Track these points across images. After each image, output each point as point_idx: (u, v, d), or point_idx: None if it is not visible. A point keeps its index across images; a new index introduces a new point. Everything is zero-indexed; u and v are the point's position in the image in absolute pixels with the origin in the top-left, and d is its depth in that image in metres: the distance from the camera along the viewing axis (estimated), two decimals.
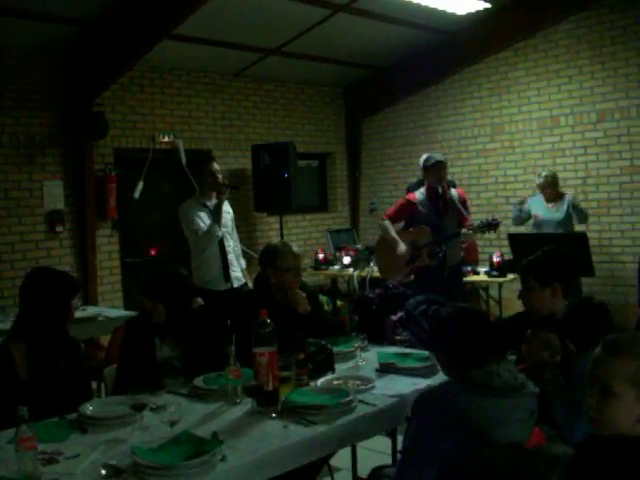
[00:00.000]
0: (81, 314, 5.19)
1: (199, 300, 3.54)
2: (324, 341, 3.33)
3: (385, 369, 3.28)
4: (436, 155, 5.96)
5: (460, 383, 2.40)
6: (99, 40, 6.68)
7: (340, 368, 3.33)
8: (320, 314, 3.92)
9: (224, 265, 5.49)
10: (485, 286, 7.06)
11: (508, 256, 6.66)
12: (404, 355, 3.42)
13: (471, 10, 7.59)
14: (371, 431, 2.88)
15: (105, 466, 2.22)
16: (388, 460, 3.73)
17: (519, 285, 3.31)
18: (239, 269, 5.70)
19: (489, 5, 7.56)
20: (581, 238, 5.77)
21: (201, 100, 8.33)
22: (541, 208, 6.83)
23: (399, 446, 3.14)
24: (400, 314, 3.86)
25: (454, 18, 7.77)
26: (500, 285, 6.71)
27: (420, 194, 5.91)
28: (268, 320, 2.80)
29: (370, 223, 9.76)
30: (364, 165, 10.09)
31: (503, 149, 8.60)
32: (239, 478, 2.26)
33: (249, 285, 5.57)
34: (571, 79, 7.97)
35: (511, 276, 6.47)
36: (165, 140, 7.85)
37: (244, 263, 5.93)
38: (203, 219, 5.42)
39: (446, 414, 2.27)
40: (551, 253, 3.27)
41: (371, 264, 7.32)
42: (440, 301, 3.84)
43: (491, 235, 6.77)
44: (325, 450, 2.66)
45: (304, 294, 3.77)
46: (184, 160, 7.83)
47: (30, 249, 6.85)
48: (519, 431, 2.34)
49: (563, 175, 7.77)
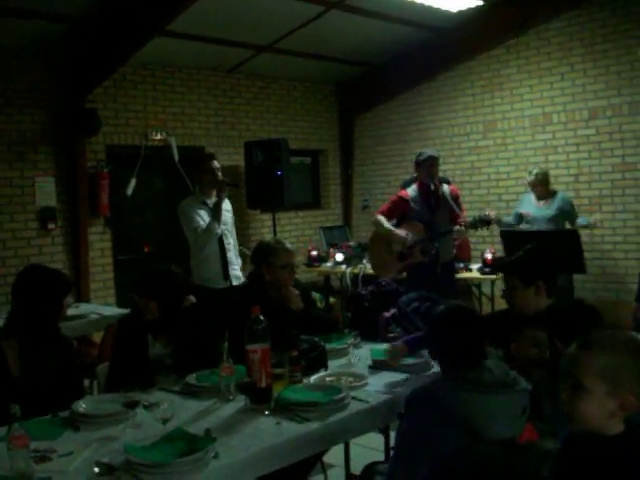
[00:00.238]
0: (73, 311, 5.18)
1: (191, 298, 3.54)
2: (317, 338, 3.33)
3: (378, 366, 3.29)
4: (429, 151, 5.95)
5: (452, 380, 2.41)
6: (91, 36, 6.66)
7: (333, 365, 3.34)
8: (313, 311, 3.93)
9: (223, 263, 5.44)
10: (477, 283, 7.08)
11: (500, 253, 6.69)
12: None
13: (463, 7, 7.60)
14: (364, 428, 2.89)
15: (98, 464, 2.22)
16: (381, 457, 3.73)
17: None
18: (239, 267, 5.68)
19: (481, 2, 7.57)
20: (573, 235, 5.79)
21: (194, 97, 8.32)
22: (532, 206, 6.84)
23: (392, 443, 3.15)
24: (393, 311, 3.85)
25: (447, 15, 7.78)
26: (492, 282, 6.71)
27: (412, 190, 5.91)
28: (261, 317, 2.80)
29: (363, 220, 9.77)
30: (357, 162, 10.09)
31: (496, 146, 8.61)
32: (232, 475, 2.27)
33: None
34: (563, 76, 7.99)
35: None
36: (158, 137, 7.83)
37: (240, 261, 5.91)
38: (203, 217, 5.37)
39: (438, 410, 2.28)
40: (533, 251, 3.27)
41: (364, 261, 7.34)
42: (433, 298, 3.83)
43: (484, 232, 6.79)
44: (318, 447, 2.67)
45: (297, 291, 3.77)
46: (177, 157, 7.82)
47: (22, 246, 6.83)
48: (511, 427, 2.35)
49: (555, 172, 7.80)
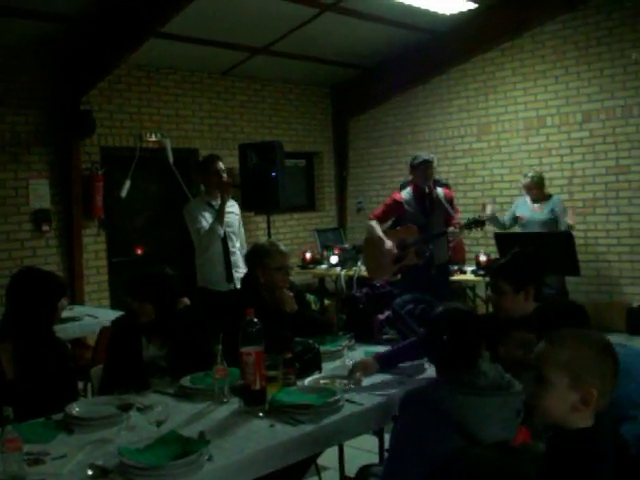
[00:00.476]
0: (67, 314, 5.14)
1: (185, 300, 3.53)
2: (311, 340, 3.33)
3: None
4: (424, 154, 5.96)
5: (447, 382, 2.41)
6: (86, 38, 6.66)
7: (327, 367, 3.33)
8: (307, 313, 3.92)
9: (227, 265, 5.40)
10: (472, 285, 7.08)
11: (495, 255, 6.69)
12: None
13: (458, 10, 7.62)
14: (358, 430, 2.88)
15: (92, 466, 2.21)
16: (375, 459, 3.74)
17: None
18: (244, 270, 5.63)
19: (476, 5, 7.59)
20: (567, 237, 5.79)
21: (188, 99, 8.32)
22: (526, 209, 6.85)
23: (386, 445, 3.15)
24: (387, 313, 3.85)
25: (441, 18, 7.79)
26: (487, 284, 6.71)
27: (407, 193, 5.93)
28: (255, 319, 2.79)
29: (357, 222, 9.77)
30: (351, 164, 10.10)
31: (490, 149, 8.63)
32: (226, 478, 2.26)
33: None
34: (557, 79, 8.02)
35: None
36: (152, 139, 7.82)
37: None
38: (207, 218, 5.35)
39: (433, 413, 2.28)
40: (523, 257, 3.25)
41: (358, 263, 7.34)
42: (427, 300, 3.83)
43: (477, 234, 6.82)
44: (312, 449, 2.66)
45: (291, 293, 3.77)
46: (171, 159, 7.82)
47: (16, 248, 6.81)
48: (505, 430, 2.35)
49: (549, 175, 7.82)
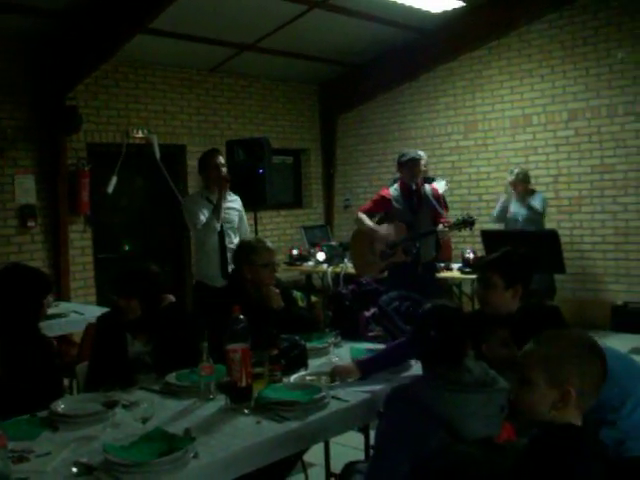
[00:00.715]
0: (53, 310, 5.13)
1: (170, 297, 3.53)
2: (297, 337, 3.34)
3: (358, 362, 3.29)
4: (411, 152, 5.97)
5: (433, 379, 2.42)
6: (72, 33, 6.63)
7: (313, 364, 3.34)
8: (293, 310, 3.92)
9: (222, 261, 5.33)
10: (458, 282, 7.11)
11: (481, 253, 6.72)
12: (376, 351, 3.42)
13: (446, 9, 7.64)
14: (343, 427, 2.90)
15: (76, 464, 2.21)
16: (361, 455, 3.74)
17: None
18: None
19: (463, 4, 7.61)
20: (552, 235, 5.83)
21: (176, 95, 8.29)
22: (512, 205, 6.89)
23: (372, 441, 3.16)
24: (373, 310, 3.86)
25: (429, 16, 7.81)
26: (473, 281, 6.73)
27: (394, 190, 5.94)
28: (241, 316, 2.80)
29: (344, 219, 9.79)
30: (338, 161, 10.11)
31: (476, 146, 8.67)
32: (212, 475, 2.26)
33: None
34: (543, 78, 8.06)
35: None
36: (139, 135, 7.80)
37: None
38: (205, 213, 5.33)
39: (416, 409, 2.29)
40: (518, 255, 3.28)
41: (345, 260, 7.35)
42: (413, 298, 3.85)
43: (464, 232, 6.82)
44: (298, 446, 2.67)
45: (278, 290, 3.77)
46: (158, 155, 7.80)
47: (1, 244, 6.77)
48: (489, 426, 2.36)
49: (535, 173, 7.86)
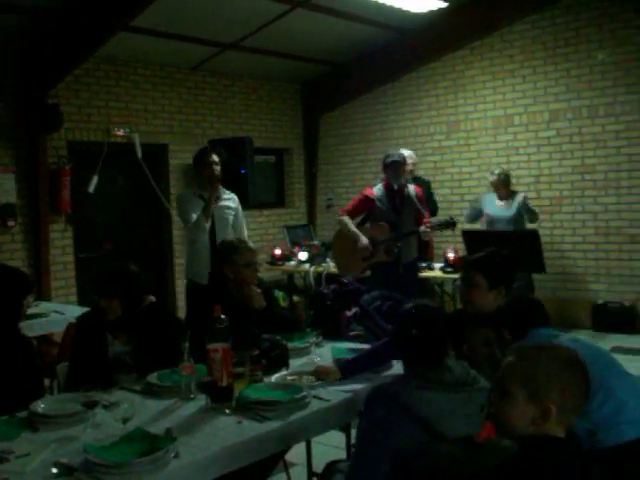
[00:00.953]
0: (34, 310, 5.10)
1: (151, 297, 3.52)
2: (279, 337, 3.34)
3: (339, 362, 3.30)
4: (396, 153, 5.98)
5: (413, 378, 2.43)
6: (53, 30, 6.58)
7: (295, 364, 3.34)
8: (275, 310, 3.93)
9: (213, 259, 5.27)
10: (440, 282, 7.14)
11: (463, 252, 6.75)
12: (358, 350, 3.44)
13: (428, 9, 7.66)
14: (325, 426, 2.90)
15: (56, 464, 2.20)
16: (343, 454, 3.75)
17: None
18: None
19: (446, 4, 7.64)
20: (533, 235, 5.86)
21: (157, 94, 8.26)
22: (493, 206, 6.93)
23: (353, 440, 3.17)
24: (355, 310, 3.87)
25: (411, 16, 7.83)
26: (454, 281, 6.77)
27: (378, 190, 5.95)
28: (222, 316, 2.80)
29: (327, 219, 9.80)
30: (321, 161, 10.12)
31: (459, 147, 8.71)
32: (193, 474, 2.26)
33: None
34: (525, 79, 8.11)
35: None
36: (120, 134, 7.76)
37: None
38: (196, 210, 5.31)
39: (397, 408, 2.30)
40: (499, 255, 3.30)
41: (327, 260, 7.36)
42: (394, 297, 3.86)
43: (446, 231, 6.85)
44: (279, 446, 2.67)
45: (259, 290, 3.78)
46: (140, 154, 7.76)
47: None
48: (469, 425, 2.37)
49: (517, 173, 7.91)
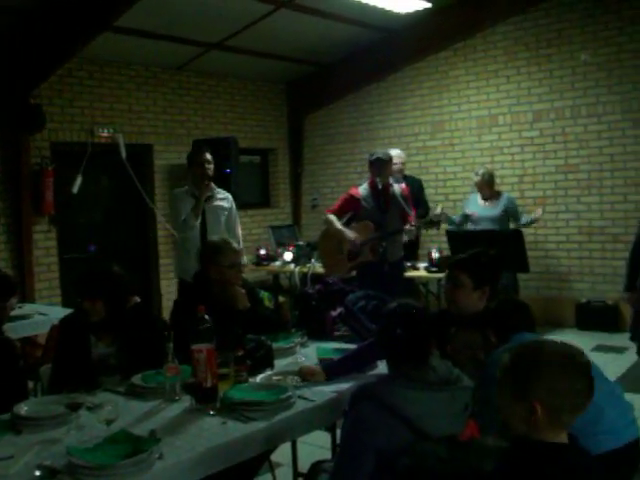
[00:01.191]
0: (17, 312, 5.06)
1: (136, 298, 3.50)
2: (264, 337, 3.34)
3: (324, 364, 3.30)
4: (380, 152, 5.98)
5: (397, 377, 2.44)
6: (36, 30, 6.53)
7: (280, 364, 3.34)
8: (260, 310, 3.92)
9: None
10: (425, 282, 7.16)
11: (447, 252, 6.77)
12: (343, 350, 3.44)
13: (413, 9, 7.69)
14: (310, 426, 2.91)
15: (40, 467, 2.19)
16: (328, 454, 3.75)
17: None
18: None
19: (430, 5, 7.66)
20: (516, 235, 5.89)
21: (142, 94, 8.23)
22: (477, 206, 6.96)
23: (338, 440, 3.17)
24: (339, 310, 3.87)
25: (396, 17, 7.85)
26: (439, 280, 6.79)
27: (364, 189, 5.94)
28: (206, 316, 2.79)
29: (312, 219, 9.80)
30: (306, 161, 10.12)
31: (443, 147, 8.74)
32: (177, 476, 2.25)
33: None
34: (509, 79, 8.15)
35: None
36: (104, 134, 7.72)
37: (245, 260, 5.79)
38: (187, 209, 5.30)
39: (381, 408, 2.30)
40: (485, 255, 3.32)
41: (312, 260, 7.36)
42: (379, 297, 3.87)
43: (432, 231, 6.87)
44: (264, 446, 2.66)
45: (243, 290, 3.77)
46: (124, 155, 7.73)
47: None
48: (453, 424, 2.38)
49: (501, 173, 7.95)
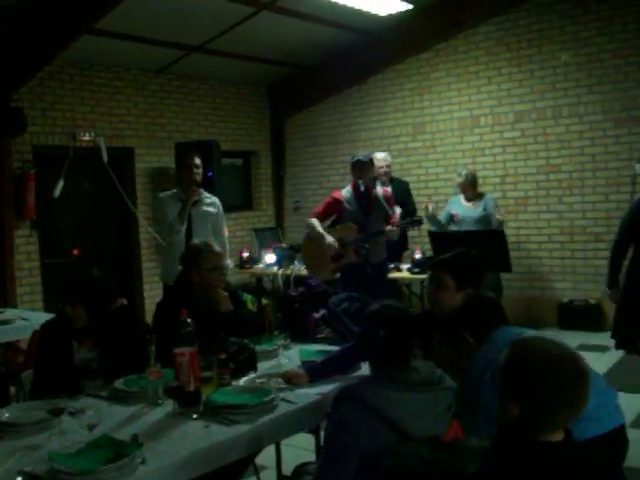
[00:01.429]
0: None
1: (123, 300, 3.49)
2: (247, 340, 3.33)
3: (307, 366, 3.30)
4: (361, 153, 5.99)
5: (379, 379, 2.44)
6: (17, 33, 6.49)
7: (263, 367, 3.34)
8: (242, 313, 3.92)
9: None
10: (408, 283, 7.17)
11: (430, 253, 6.78)
12: (326, 352, 3.44)
13: (394, 11, 7.71)
14: (293, 429, 2.90)
15: (21, 473, 2.17)
16: (313, 457, 3.75)
17: None
18: None
19: (411, 6, 7.69)
20: (499, 235, 5.90)
21: (123, 97, 8.20)
22: (460, 207, 6.99)
23: (322, 442, 3.17)
24: (322, 312, 3.88)
25: (377, 18, 7.87)
26: (422, 282, 6.81)
27: (346, 192, 5.95)
28: (189, 320, 2.78)
29: (295, 221, 9.80)
30: (288, 163, 10.12)
31: (425, 148, 8.76)
32: None
33: None
34: (490, 80, 8.19)
35: None
36: (86, 138, 7.70)
37: (229, 263, 5.77)
38: (174, 213, 5.27)
39: (364, 410, 2.31)
40: (467, 256, 3.33)
41: (295, 262, 7.35)
42: (362, 299, 3.88)
43: (413, 232, 6.89)
44: (247, 449, 2.65)
45: (226, 293, 3.76)
46: (105, 158, 7.71)
47: None
48: (436, 425, 2.39)
49: (483, 174, 7.99)
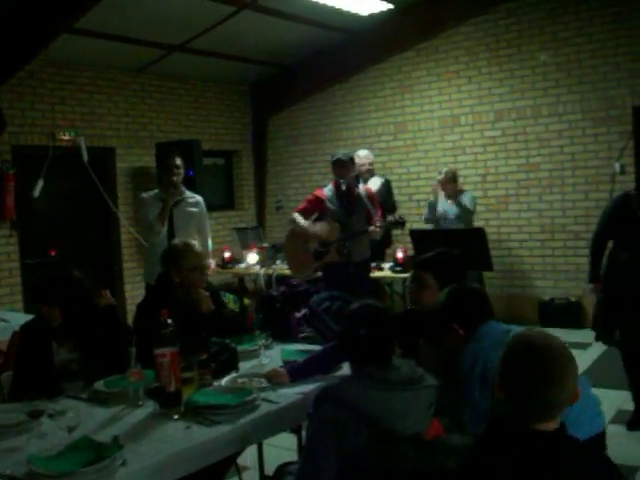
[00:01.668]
0: None
1: (112, 300, 3.47)
2: (228, 340, 3.32)
3: (288, 366, 3.30)
4: (341, 152, 5.99)
5: (360, 378, 2.45)
6: None
7: (244, 367, 3.33)
8: (224, 312, 3.91)
9: None
10: (390, 282, 7.18)
11: (411, 252, 6.80)
12: (307, 352, 3.44)
13: (374, 11, 7.73)
14: (275, 429, 2.90)
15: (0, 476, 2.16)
16: (295, 456, 3.75)
17: None
18: None
19: (392, 6, 7.71)
20: (479, 233, 5.93)
21: (103, 96, 8.15)
22: (442, 204, 7.02)
23: (304, 442, 3.17)
24: (304, 311, 3.88)
25: (358, 18, 7.89)
26: (404, 281, 6.83)
27: (329, 190, 5.94)
28: (169, 320, 2.77)
29: (276, 221, 9.79)
30: (270, 163, 10.11)
31: (406, 147, 8.79)
32: None
33: None
34: (470, 79, 8.23)
35: None
36: (66, 137, 7.64)
37: (213, 264, 5.72)
38: (155, 214, 5.25)
39: (345, 409, 2.30)
40: (449, 255, 3.34)
41: (277, 262, 7.35)
42: (344, 298, 3.89)
43: (396, 231, 6.91)
44: (229, 450, 2.65)
45: (207, 293, 3.75)
46: (86, 158, 7.66)
47: None
48: (418, 423, 2.40)
49: (464, 172, 8.02)
